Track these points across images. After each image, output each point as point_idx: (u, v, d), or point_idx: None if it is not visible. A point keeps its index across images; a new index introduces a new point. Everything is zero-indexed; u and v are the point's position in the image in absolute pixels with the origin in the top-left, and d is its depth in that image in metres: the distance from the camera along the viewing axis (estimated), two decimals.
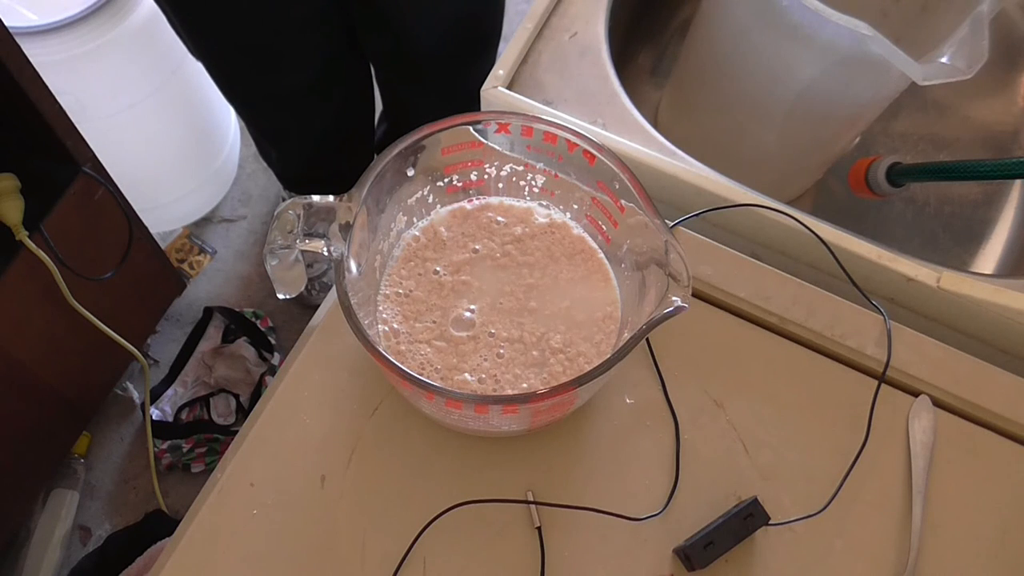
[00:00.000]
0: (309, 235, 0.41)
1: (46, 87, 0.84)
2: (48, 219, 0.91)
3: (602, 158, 0.43)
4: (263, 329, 1.31)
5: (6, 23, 0.77)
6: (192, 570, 0.46)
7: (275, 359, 1.28)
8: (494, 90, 0.60)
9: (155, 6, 0.91)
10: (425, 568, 0.46)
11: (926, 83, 0.53)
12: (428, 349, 0.46)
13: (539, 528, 0.47)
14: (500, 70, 0.61)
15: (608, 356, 0.39)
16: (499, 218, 0.50)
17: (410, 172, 0.46)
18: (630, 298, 0.46)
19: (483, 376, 0.45)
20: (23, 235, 0.87)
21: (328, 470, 0.48)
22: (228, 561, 0.46)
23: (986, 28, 0.55)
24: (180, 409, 1.23)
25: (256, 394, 1.25)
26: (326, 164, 1.19)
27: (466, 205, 0.50)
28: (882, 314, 0.53)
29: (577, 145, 0.44)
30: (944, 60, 0.55)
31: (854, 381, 0.52)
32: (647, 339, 0.52)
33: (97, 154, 0.97)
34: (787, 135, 0.70)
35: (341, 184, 1.14)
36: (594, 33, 0.64)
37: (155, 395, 1.25)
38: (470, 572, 0.46)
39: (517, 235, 0.49)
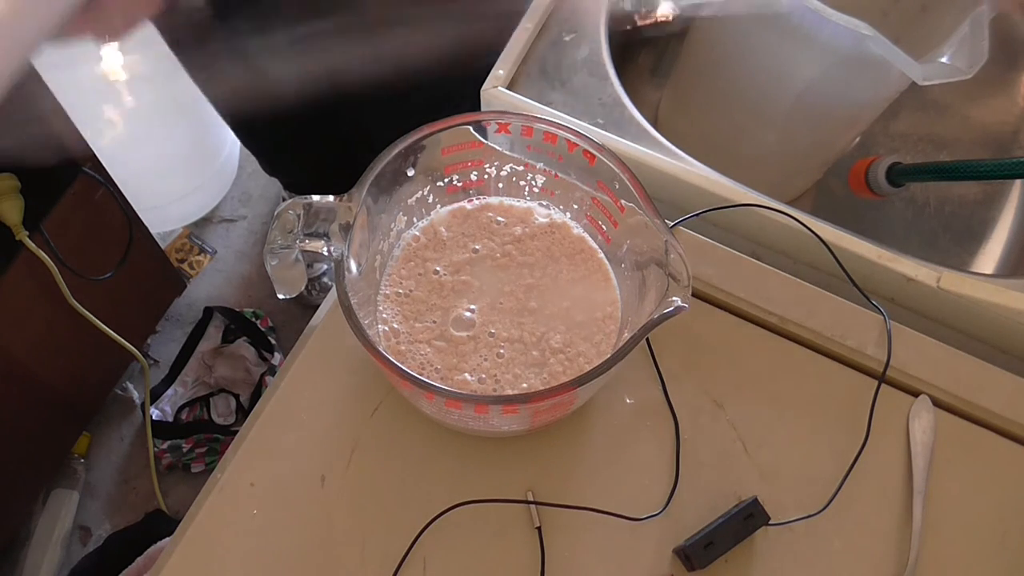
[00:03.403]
0: (309, 235, 0.41)
1: (46, 87, 0.84)
2: (48, 219, 0.91)
3: (602, 158, 0.43)
4: (263, 329, 1.31)
5: None
6: (192, 570, 0.46)
7: (275, 359, 1.29)
8: (494, 90, 0.60)
9: None
10: (425, 568, 0.46)
11: (926, 83, 0.53)
12: (428, 349, 0.46)
13: (539, 528, 0.47)
14: (500, 70, 0.61)
15: (608, 356, 0.39)
16: (499, 218, 0.50)
17: (410, 172, 0.46)
18: (630, 298, 0.46)
19: (483, 376, 0.45)
20: (23, 235, 0.87)
21: (328, 470, 0.48)
22: (228, 561, 0.46)
23: (986, 28, 0.55)
24: (180, 409, 1.23)
25: (256, 394, 1.25)
26: (326, 171, 1.19)
27: (466, 205, 0.50)
28: (882, 314, 0.53)
29: (577, 145, 0.44)
30: (944, 60, 0.55)
31: (854, 381, 0.52)
32: (647, 339, 0.52)
33: (97, 154, 0.97)
34: (787, 135, 0.70)
35: (343, 185, 1.15)
36: (595, 33, 0.64)
37: (155, 395, 1.25)
38: (470, 572, 0.46)
39: (517, 235, 0.49)
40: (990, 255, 0.78)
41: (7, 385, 0.97)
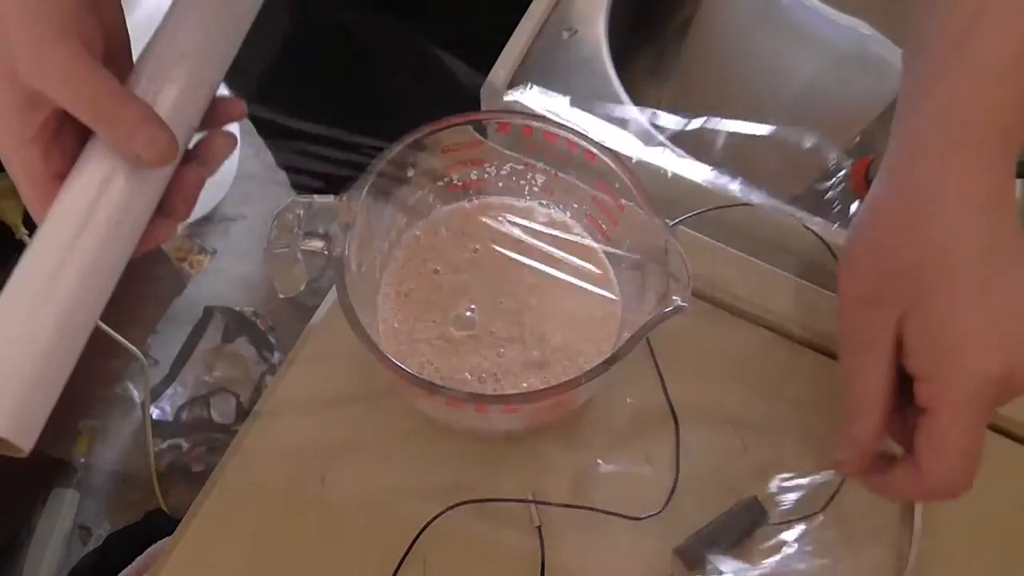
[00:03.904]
0: (309, 235, 0.41)
1: None
2: None
3: (602, 157, 0.43)
4: (263, 328, 1.31)
5: None
6: (192, 570, 0.46)
7: (275, 358, 1.29)
8: (494, 90, 0.60)
9: (155, 5, 0.90)
10: (425, 568, 0.46)
11: None
12: (428, 349, 0.46)
13: (539, 528, 0.47)
14: (500, 70, 0.61)
15: (608, 356, 0.39)
16: (499, 218, 0.50)
17: (410, 172, 0.46)
18: (630, 298, 0.46)
19: (483, 376, 0.45)
20: (23, 234, 0.87)
21: (328, 470, 0.48)
22: (228, 561, 0.46)
23: None
24: (180, 409, 1.23)
25: (256, 393, 1.25)
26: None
27: (466, 205, 0.50)
28: None
29: (577, 145, 0.44)
30: None
31: None
32: (647, 339, 0.52)
33: None
34: (787, 134, 0.70)
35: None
36: (594, 32, 0.64)
37: (155, 395, 1.25)
38: (470, 572, 0.46)
39: (517, 235, 0.49)
40: None
41: None
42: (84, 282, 0.34)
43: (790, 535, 0.47)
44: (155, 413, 1.23)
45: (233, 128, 0.42)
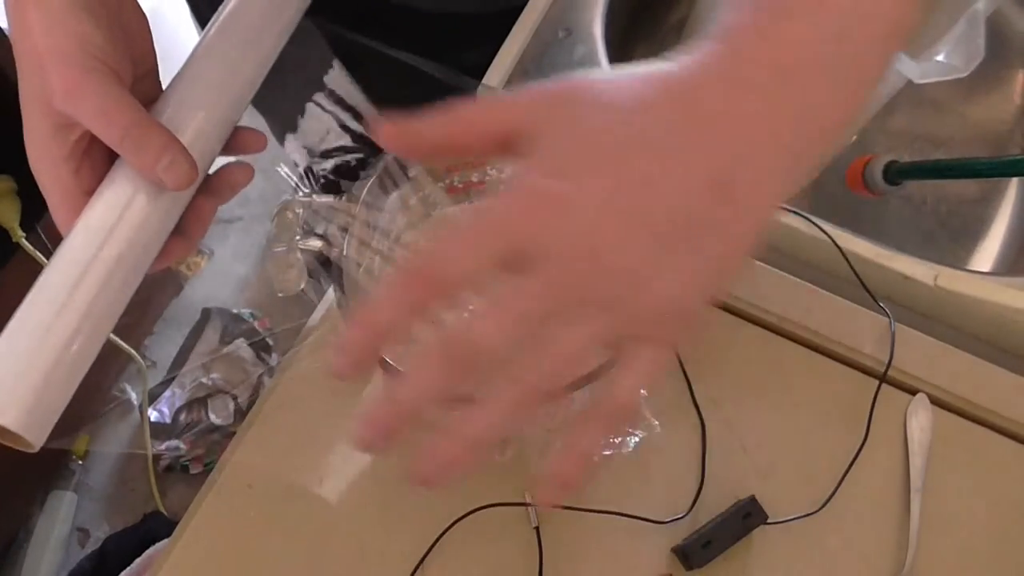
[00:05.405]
0: (309, 235, 0.41)
1: None
2: (45, 221, 0.91)
3: None
4: (261, 330, 1.31)
5: (3, 24, 0.77)
6: (190, 571, 0.46)
7: (273, 360, 1.28)
8: (491, 90, 0.60)
9: (155, 6, 0.90)
10: (424, 568, 0.46)
11: (923, 81, 0.53)
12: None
13: (537, 528, 0.47)
14: (497, 70, 0.61)
15: (608, 357, 0.39)
16: None
17: (410, 172, 0.46)
18: None
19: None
20: (20, 237, 0.87)
21: (327, 471, 0.48)
22: (226, 562, 0.46)
23: (982, 26, 0.56)
24: (178, 410, 1.23)
25: (254, 395, 1.25)
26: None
27: (467, 206, 0.50)
28: (886, 314, 0.53)
29: None
30: (941, 58, 0.56)
31: (853, 381, 0.52)
32: None
33: None
34: None
35: None
36: (591, 32, 0.64)
37: (153, 396, 1.25)
38: (469, 571, 0.46)
39: None
40: (987, 253, 0.78)
41: None
42: (103, 291, 0.36)
43: (789, 535, 0.47)
44: (153, 415, 1.23)
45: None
